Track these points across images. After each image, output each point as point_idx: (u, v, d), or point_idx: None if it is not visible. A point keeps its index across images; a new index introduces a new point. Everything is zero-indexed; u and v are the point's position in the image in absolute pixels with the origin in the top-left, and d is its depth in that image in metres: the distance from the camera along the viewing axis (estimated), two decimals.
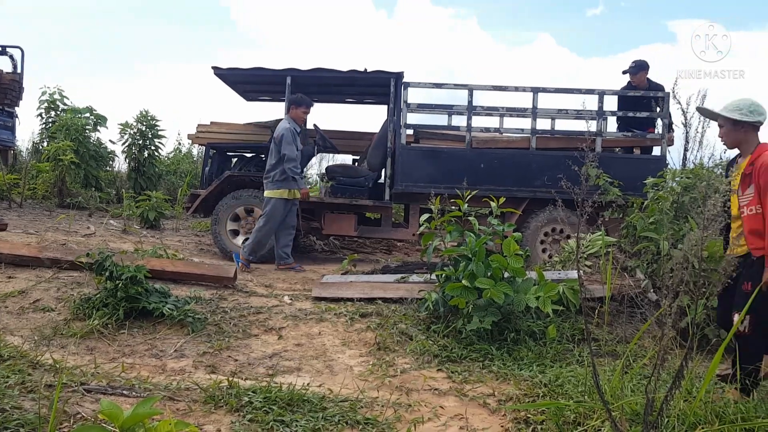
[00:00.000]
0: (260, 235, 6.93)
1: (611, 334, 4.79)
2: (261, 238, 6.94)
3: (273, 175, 6.92)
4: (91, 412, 3.08)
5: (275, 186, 6.92)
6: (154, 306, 4.64)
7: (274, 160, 6.91)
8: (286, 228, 7.06)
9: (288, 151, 6.84)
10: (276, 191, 6.91)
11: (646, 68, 7.76)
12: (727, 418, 2.86)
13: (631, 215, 5.72)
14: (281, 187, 6.91)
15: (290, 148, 6.85)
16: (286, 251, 7.09)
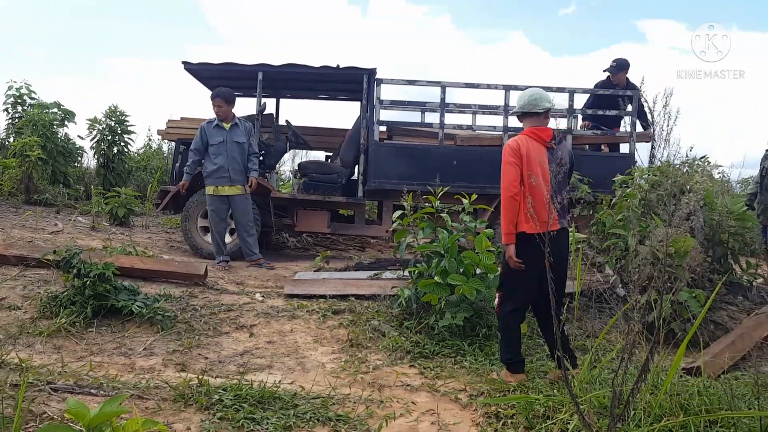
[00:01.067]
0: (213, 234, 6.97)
1: (581, 329, 4.85)
2: (214, 236, 6.96)
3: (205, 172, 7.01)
4: (58, 411, 3.02)
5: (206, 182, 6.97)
6: (122, 304, 4.58)
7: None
8: (239, 224, 6.98)
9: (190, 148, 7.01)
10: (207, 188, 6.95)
11: (626, 68, 7.87)
12: (692, 410, 2.92)
13: (600, 212, 5.81)
14: (208, 184, 6.91)
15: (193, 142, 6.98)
16: (250, 247, 7.01)
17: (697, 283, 4.86)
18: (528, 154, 3.77)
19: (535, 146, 3.82)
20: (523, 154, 3.76)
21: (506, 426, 3.09)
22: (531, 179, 3.73)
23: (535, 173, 3.75)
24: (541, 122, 3.92)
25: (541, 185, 3.73)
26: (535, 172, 3.76)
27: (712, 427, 2.81)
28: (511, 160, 3.77)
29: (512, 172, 3.76)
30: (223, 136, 6.88)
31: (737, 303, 5.44)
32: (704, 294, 4.72)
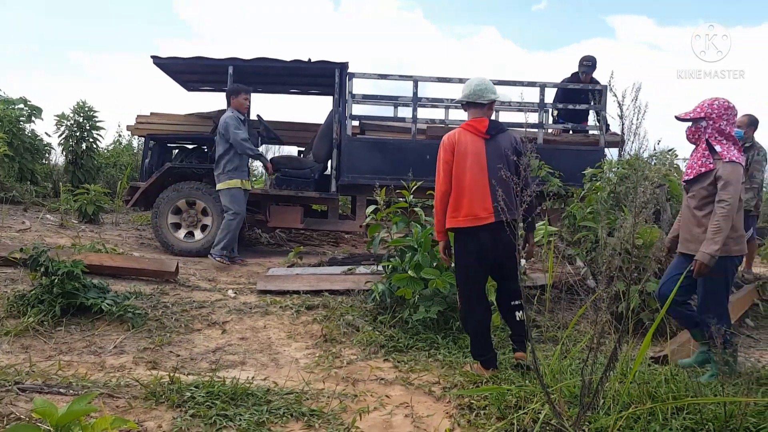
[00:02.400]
0: (230, 230, 6.78)
1: (552, 321, 4.91)
2: (231, 232, 6.79)
3: (223, 166, 6.79)
4: (26, 411, 2.97)
5: (227, 177, 6.77)
6: (92, 302, 4.51)
7: (221, 151, 6.78)
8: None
9: (240, 133, 6.72)
10: (229, 182, 6.77)
11: (595, 67, 8.02)
12: (659, 398, 2.98)
13: (571, 205, 5.88)
14: (233, 177, 6.77)
15: (237, 133, 6.71)
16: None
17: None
18: (461, 148, 3.72)
19: (471, 139, 3.75)
20: (455, 149, 3.72)
21: (479, 417, 3.12)
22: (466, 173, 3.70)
23: (467, 167, 3.70)
24: (485, 114, 3.85)
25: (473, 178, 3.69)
26: (467, 165, 3.70)
27: (679, 414, 2.87)
28: (444, 157, 3.76)
29: (445, 170, 3.74)
30: (247, 131, 6.89)
31: None
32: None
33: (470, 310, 3.84)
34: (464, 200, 3.68)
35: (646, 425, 2.76)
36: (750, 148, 6.74)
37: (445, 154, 3.75)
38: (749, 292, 5.70)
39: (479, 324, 3.82)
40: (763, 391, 3.20)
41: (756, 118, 6.82)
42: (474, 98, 3.82)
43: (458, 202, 3.70)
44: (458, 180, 3.71)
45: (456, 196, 3.71)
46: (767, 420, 2.82)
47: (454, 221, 3.73)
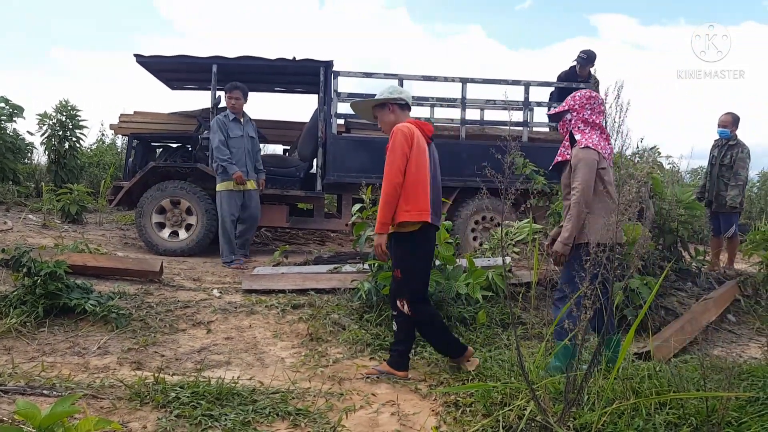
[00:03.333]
0: (222, 234, 6.85)
1: (538, 318, 4.94)
2: (224, 236, 6.85)
3: (215, 168, 6.90)
4: (8, 413, 2.94)
5: (219, 179, 6.86)
6: (75, 302, 4.46)
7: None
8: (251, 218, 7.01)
9: (211, 139, 6.83)
10: (221, 184, 6.84)
11: (593, 61, 8.02)
12: (643, 393, 3.01)
13: (555, 203, 5.91)
14: (223, 180, 6.83)
15: (215, 136, 6.78)
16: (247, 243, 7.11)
17: (649, 271, 5.01)
18: (419, 143, 3.71)
19: (422, 138, 3.76)
20: (414, 142, 3.67)
21: (465, 414, 3.13)
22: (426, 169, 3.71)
23: (424, 163, 3.70)
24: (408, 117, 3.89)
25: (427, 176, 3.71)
26: (424, 161, 3.70)
27: (662, 409, 2.90)
28: (405, 147, 3.63)
29: (403, 161, 3.62)
30: (241, 131, 6.89)
31: (686, 289, 5.62)
32: (655, 281, 4.86)
33: (428, 309, 3.79)
34: (424, 195, 3.64)
35: (630, 420, 2.79)
36: (734, 146, 6.82)
37: (406, 145, 3.63)
38: (731, 287, 5.77)
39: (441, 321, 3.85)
40: (745, 386, 3.24)
41: (738, 116, 6.91)
42: (411, 101, 3.91)
43: (416, 196, 3.62)
44: (417, 175, 3.64)
45: (414, 191, 3.62)
46: (748, 414, 2.86)
47: (418, 215, 3.61)
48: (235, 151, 6.82)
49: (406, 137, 3.63)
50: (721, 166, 6.90)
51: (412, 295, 3.69)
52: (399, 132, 3.65)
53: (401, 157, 3.61)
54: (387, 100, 3.85)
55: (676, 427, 2.79)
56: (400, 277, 3.69)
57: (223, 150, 6.74)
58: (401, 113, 3.85)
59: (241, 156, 6.84)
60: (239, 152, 6.84)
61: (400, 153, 3.61)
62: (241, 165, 6.82)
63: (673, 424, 2.81)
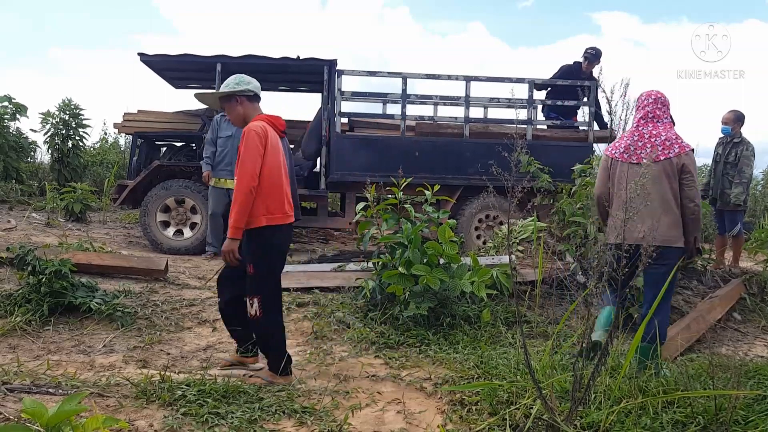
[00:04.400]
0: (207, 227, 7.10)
1: (542, 316, 4.93)
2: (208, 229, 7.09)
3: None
4: (15, 411, 2.94)
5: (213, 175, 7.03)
6: (80, 301, 4.47)
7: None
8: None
9: (206, 137, 7.07)
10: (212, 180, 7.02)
11: (599, 58, 7.98)
12: (650, 392, 3.00)
13: (560, 201, 5.90)
14: (214, 176, 6.98)
15: (206, 136, 7.06)
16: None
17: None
18: (273, 141, 3.61)
19: (275, 134, 3.67)
20: (268, 142, 3.56)
21: (471, 413, 3.12)
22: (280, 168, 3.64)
23: (280, 162, 3.63)
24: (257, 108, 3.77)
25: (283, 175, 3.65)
26: (280, 160, 3.64)
27: (669, 408, 2.89)
28: (259, 148, 3.49)
29: (258, 162, 3.48)
30: (231, 131, 6.92)
31: (692, 287, 5.61)
32: None
33: (276, 315, 3.66)
34: (279, 196, 3.57)
35: (637, 419, 2.78)
36: (738, 144, 6.80)
37: (261, 147, 3.50)
38: (736, 286, 5.76)
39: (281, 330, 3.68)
40: (752, 385, 3.23)
41: (742, 114, 6.88)
42: (259, 91, 3.77)
43: (272, 197, 3.54)
44: (272, 176, 3.56)
45: (271, 193, 3.53)
46: (756, 412, 2.85)
47: (268, 218, 3.52)
48: (221, 150, 6.93)
49: (260, 138, 3.50)
50: (725, 164, 6.87)
51: (264, 297, 3.56)
52: (252, 134, 3.51)
53: (255, 160, 3.48)
54: (233, 93, 3.70)
55: (683, 426, 2.79)
56: (252, 273, 3.55)
57: (206, 148, 6.98)
58: (250, 105, 3.72)
59: (225, 155, 6.92)
60: (224, 152, 6.93)
61: (255, 156, 3.48)
62: (225, 164, 6.90)
63: (681, 423, 2.80)
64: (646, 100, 3.91)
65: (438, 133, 7.63)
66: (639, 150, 3.75)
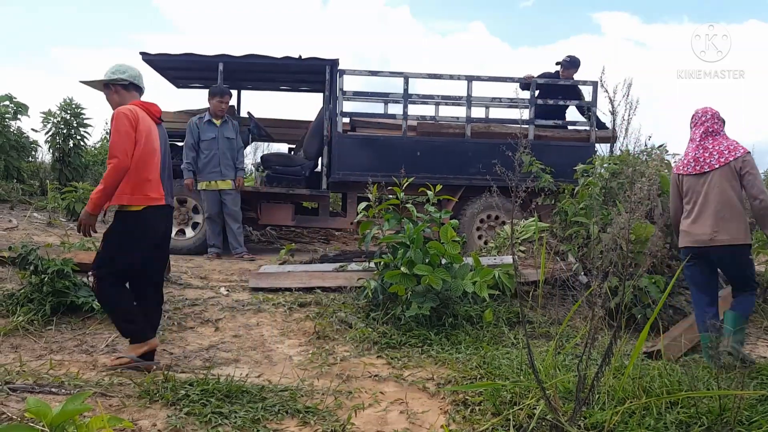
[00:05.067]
0: (207, 229, 7.18)
1: (545, 317, 4.93)
2: (207, 231, 7.18)
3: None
4: (18, 411, 2.93)
5: (199, 179, 7.13)
6: (83, 300, 4.47)
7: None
8: (229, 218, 7.15)
9: (185, 141, 7.13)
10: (199, 184, 7.12)
11: (577, 66, 7.98)
12: (653, 392, 3.00)
13: (562, 201, 5.90)
14: (200, 180, 7.09)
15: (185, 141, 7.13)
16: (237, 240, 7.21)
17: (657, 269, 4.99)
18: (144, 126, 3.66)
19: (149, 120, 3.75)
20: (139, 125, 3.62)
21: (474, 413, 3.12)
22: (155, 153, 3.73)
23: (154, 147, 3.70)
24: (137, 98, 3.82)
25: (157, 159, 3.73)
26: (153, 146, 3.70)
27: (673, 408, 2.89)
28: (129, 129, 3.56)
29: (128, 143, 3.55)
30: (214, 132, 7.05)
31: None
32: (663, 279, 4.85)
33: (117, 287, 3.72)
34: (152, 179, 3.66)
35: (641, 419, 2.78)
36: None
37: (130, 128, 3.57)
38: None
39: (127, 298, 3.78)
40: (755, 385, 3.23)
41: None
42: (138, 81, 3.82)
43: (142, 180, 3.63)
44: (144, 159, 3.63)
45: (140, 174, 3.62)
46: (759, 413, 2.85)
47: (130, 198, 3.62)
48: (207, 153, 7.03)
49: (129, 119, 3.58)
50: None
51: (108, 273, 3.65)
52: (120, 114, 3.59)
53: (125, 140, 3.55)
54: (109, 81, 3.79)
55: (687, 427, 2.79)
56: (102, 249, 3.70)
57: (187, 153, 7.02)
58: (126, 94, 3.79)
59: (212, 158, 7.02)
60: (210, 154, 7.03)
61: (125, 137, 3.56)
62: (213, 166, 7.01)
63: (685, 424, 2.80)
64: (703, 116, 4.30)
65: (440, 133, 7.62)
66: (704, 161, 4.16)
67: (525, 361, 3.55)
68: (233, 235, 7.16)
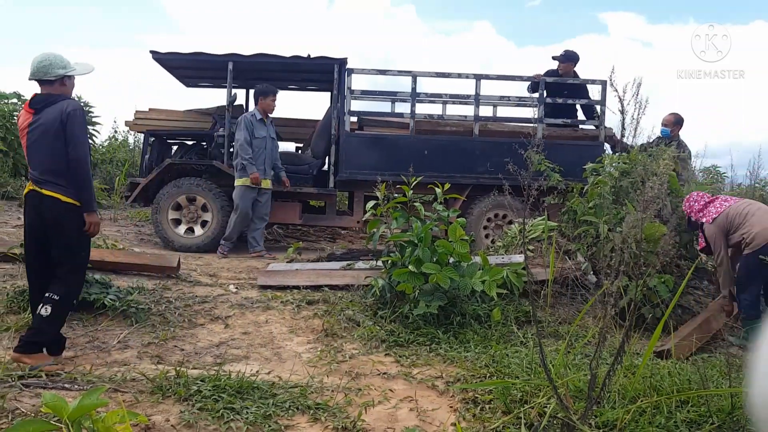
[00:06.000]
0: (233, 225, 7.09)
1: (553, 316, 4.93)
2: (234, 227, 7.10)
3: (236, 164, 7.06)
4: (31, 407, 2.97)
5: (238, 175, 7.03)
6: (94, 297, 4.50)
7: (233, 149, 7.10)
8: (258, 216, 7.17)
9: (238, 136, 6.98)
10: (239, 180, 7.02)
11: (573, 60, 7.96)
12: (664, 391, 3.00)
13: (571, 200, 5.89)
14: (242, 176, 7.00)
15: (240, 134, 6.96)
16: (258, 240, 7.21)
17: (666, 269, 4.99)
18: (19, 122, 3.79)
19: (23, 115, 3.78)
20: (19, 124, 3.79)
21: (484, 411, 3.13)
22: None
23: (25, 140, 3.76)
24: (55, 89, 3.75)
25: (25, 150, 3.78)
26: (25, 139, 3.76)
27: (683, 407, 2.90)
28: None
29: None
30: (265, 131, 7.11)
31: (702, 288, 5.59)
32: (672, 279, 4.84)
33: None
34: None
35: (651, 418, 2.79)
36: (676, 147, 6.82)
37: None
38: None
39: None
40: None
41: (681, 117, 7.04)
42: (40, 75, 3.72)
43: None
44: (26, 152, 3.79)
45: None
46: None
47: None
48: (257, 150, 7.03)
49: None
50: None
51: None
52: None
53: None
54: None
55: (698, 425, 2.79)
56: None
57: (246, 149, 6.94)
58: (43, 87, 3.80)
59: (260, 156, 7.04)
60: (259, 152, 7.05)
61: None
62: (259, 164, 7.02)
63: (695, 422, 2.81)
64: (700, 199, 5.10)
65: (447, 132, 7.63)
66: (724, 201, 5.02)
67: (535, 359, 3.56)
68: (259, 233, 7.20)
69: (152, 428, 2.81)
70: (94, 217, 3.77)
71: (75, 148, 3.65)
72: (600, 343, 2.75)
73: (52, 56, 3.74)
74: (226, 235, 7.10)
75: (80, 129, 3.70)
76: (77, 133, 3.66)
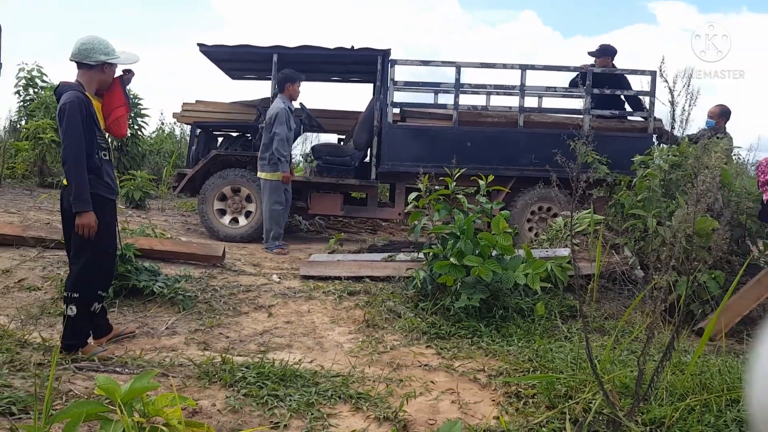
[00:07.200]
0: (277, 219, 6.94)
1: (599, 311, 4.85)
2: (278, 222, 6.95)
3: (267, 156, 6.89)
4: (83, 389, 3.07)
5: (271, 169, 6.88)
6: (144, 284, 4.62)
7: (266, 140, 6.89)
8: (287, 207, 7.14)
9: (279, 131, 6.81)
10: (271, 174, 6.88)
11: (610, 53, 7.77)
12: (713, 389, 2.93)
13: (618, 193, 5.77)
14: (275, 171, 6.87)
15: (282, 128, 6.81)
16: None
17: (716, 265, 4.84)
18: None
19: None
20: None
21: (527, 405, 3.10)
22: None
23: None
24: (94, 77, 3.59)
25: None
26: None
27: (733, 406, 2.82)
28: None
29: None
30: (296, 121, 7.04)
31: None
32: (723, 275, 4.70)
33: None
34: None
35: (700, 416, 2.72)
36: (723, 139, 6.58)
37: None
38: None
39: None
40: None
41: (728, 109, 6.76)
42: (80, 58, 3.54)
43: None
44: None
45: None
46: None
47: None
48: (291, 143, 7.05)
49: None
50: None
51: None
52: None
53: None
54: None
55: (748, 426, 2.71)
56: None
57: (286, 145, 6.83)
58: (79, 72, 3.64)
59: (293, 147, 7.10)
60: (292, 144, 7.07)
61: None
62: (291, 156, 7.07)
63: (746, 422, 2.73)
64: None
65: (490, 123, 7.55)
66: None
67: (580, 355, 3.51)
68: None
69: (199, 412, 2.87)
70: (83, 218, 3.46)
71: (63, 148, 3.48)
72: (648, 339, 2.69)
73: (96, 40, 3.55)
74: (274, 233, 6.92)
75: (70, 124, 3.41)
76: (65, 130, 3.42)
